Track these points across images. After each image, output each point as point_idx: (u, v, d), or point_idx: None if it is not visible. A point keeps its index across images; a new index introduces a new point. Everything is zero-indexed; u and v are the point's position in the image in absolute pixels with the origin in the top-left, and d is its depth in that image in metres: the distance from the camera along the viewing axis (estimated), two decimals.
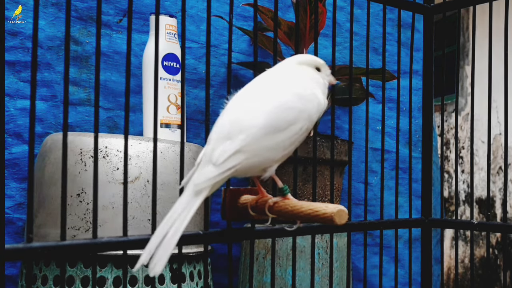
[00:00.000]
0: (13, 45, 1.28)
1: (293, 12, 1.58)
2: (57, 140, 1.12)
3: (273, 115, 0.74)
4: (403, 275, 1.70)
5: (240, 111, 0.75)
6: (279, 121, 0.74)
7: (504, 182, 1.14)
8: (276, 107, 0.74)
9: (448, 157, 3.82)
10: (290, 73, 0.80)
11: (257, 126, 0.73)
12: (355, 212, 1.65)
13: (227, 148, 0.72)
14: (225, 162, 0.72)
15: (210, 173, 0.72)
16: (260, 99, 0.76)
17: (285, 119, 0.75)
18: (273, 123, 0.74)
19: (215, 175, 0.71)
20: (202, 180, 0.71)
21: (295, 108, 0.76)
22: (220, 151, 0.72)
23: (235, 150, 0.72)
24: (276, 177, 0.80)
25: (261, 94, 0.77)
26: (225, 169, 0.72)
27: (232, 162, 0.72)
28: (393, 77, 1.43)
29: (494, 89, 1.16)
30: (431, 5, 1.29)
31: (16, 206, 1.28)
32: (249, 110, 0.74)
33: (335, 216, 0.72)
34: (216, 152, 0.73)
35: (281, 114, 0.74)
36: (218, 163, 0.72)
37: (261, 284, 1.34)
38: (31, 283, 0.98)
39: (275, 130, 0.74)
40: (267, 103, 0.75)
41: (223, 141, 0.73)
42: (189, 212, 0.70)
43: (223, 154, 0.72)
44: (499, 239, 3.39)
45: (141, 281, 1.08)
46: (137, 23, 1.40)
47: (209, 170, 0.72)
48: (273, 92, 0.77)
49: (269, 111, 0.74)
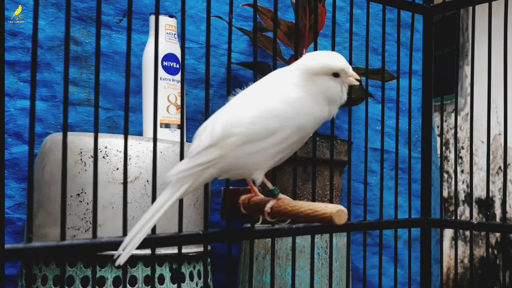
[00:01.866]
0: (13, 45, 1.28)
1: (292, 12, 1.58)
2: (57, 140, 1.12)
3: (253, 123, 0.72)
4: (402, 275, 1.70)
5: (224, 113, 0.75)
6: (258, 130, 0.73)
7: (504, 182, 1.14)
8: (257, 116, 0.73)
9: (448, 157, 3.82)
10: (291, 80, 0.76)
11: (236, 133, 0.72)
12: (355, 212, 1.65)
13: (201, 143, 0.72)
14: (196, 155, 0.72)
15: (183, 165, 0.72)
16: (246, 104, 0.75)
17: (266, 128, 0.73)
18: (251, 131, 0.72)
19: (186, 168, 0.71)
20: (173, 172, 0.72)
21: (280, 117, 0.73)
22: (195, 145, 0.73)
23: (208, 145, 0.72)
24: (266, 180, 0.79)
25: (251, 99, 0.75)
26: (196, 163, 0.71)
27: (204, 158, 0.71)
28: (392, 77, 1.43)
29: (493, 89, 1.16)
30: (430, 5, 1.29)
31: (16, 206, 1.29)
32: (233, 113, 0.74)
33: (335, 216, 0.72)
34: (192, 146, 0.73)
35: (261, 123, 0.73)
36: (190, 155, 0.72)
37: (260, 284, 1.34)
38: (31, 283, 0.99)
39: (252, 138, 0.72)
40: (250, 109, 0.73)
41: (201, 137, 0.73)
42: (164, 205, 0.71)
43: (196, 148, 0.72)
44: (498, 239, 3.40)
45: (141, 281, 1.08)
46: (137, 23, 1.40)
47: (183, 163, 0.72)
48: (262, 98, 0.75)
49: (249, 119, 0.73)
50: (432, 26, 1.29)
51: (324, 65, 0.75)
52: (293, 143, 0.76)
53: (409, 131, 1.24)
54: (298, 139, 0.76)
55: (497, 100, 1.78)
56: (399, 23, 1.21)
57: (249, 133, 0.72)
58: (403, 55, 1.68)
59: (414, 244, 1.65)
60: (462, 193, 3.69)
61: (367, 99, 1.16)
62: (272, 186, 0.81)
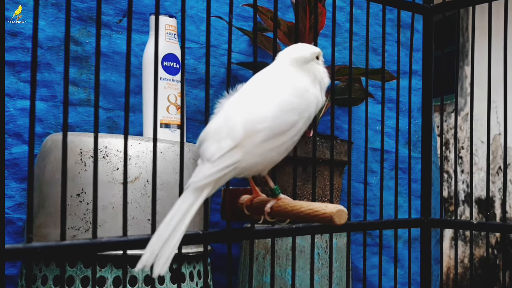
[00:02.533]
0: (13, 45, 1.28)
1: (292, 12, 1.58)
2: (57, 140, 1.12)
3: (276, 118, 0.73)
4: (402, 275, 1.70)
5: (240, 110, 0.74)
6: (282, 124, 0.74)
7: (504, 182, 1.14)
8: (278, 110, 0.74)
9: (448, 157, 3.82)
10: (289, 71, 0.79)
11: (261, 129, 0.72)
12: (355, 212, 1.65)
13: (223, 145, 0.71)
14: (220, 158, 0.71)
15: (207, 170, 0.70)
16: (262, 99, 0.75)
17: (288, 122, 0.74)
18: (277, 126, 0.73)
19: (212, 172, 0.70)
20: (199, 178, 0.70)
21: (297, 109, 0.75)
22: (216, 148, 0.71)
23: (232, 147, 0.71)
24: (268, 177, 0.79)
25: (263, 94, 0.76)
26: (221, 166, 0.70)
27: (229, 160, 0.71)
28: (392, 77, 1.43)
29: (493, 89, 1.16)
30: (430, 5, 1.29)
31: (16, 206, 1.29)
32: (250, 112, 0.73)
33: (335, 216, 0.72)
34: (210, 150, 0.71)
35: (284, 117, 0.74)
36: (213, 159, 0.71)
37: (260, 284, 1.34)
38: (31, 283, 0.98)
39: (278, 132, 0.73)
40: (269, 105, 0.74)
41: (221, 139, 0.72)
42: (189, 212, 0.69)
43: (219, 151, 0.71)
44: (498, 239, 3.40)
45: (141, 281, 1.08)
46: (137, 23, 1.40)
47: (206, 167, 0.71)
48: (275, 92, 0.76)
49: (272, 113, 0.73)
50: (432, 26, 1.29)
51: (309, 50, 0.81)
52: (301, 134, 0.77)
53: (409, 131, 1.24)
54: (304, 129, 0.78)
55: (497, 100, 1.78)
56: (399, 23, 1.21)
57: (273, 128, 0.73)
58: (403, 55, 1.69)
59: (414, 244, 1.65)
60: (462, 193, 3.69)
61: (367, 99, 1.16)
62: (274, 185, 0.81)
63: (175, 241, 0.68)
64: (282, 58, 0.81)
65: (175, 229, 0.68)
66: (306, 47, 0.82)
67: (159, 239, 0.67)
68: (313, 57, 0.81)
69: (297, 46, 0.82)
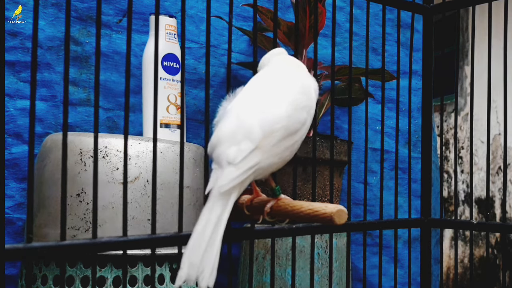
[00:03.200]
0: (13, 45, 1.28)
1: (292, 12, 1.58)
2: (57, 140, 1.12)
3: (290, 117, 0.74)
4: (402, 275, 1.70)
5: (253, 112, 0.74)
6: (296, 122, 0.75)
7: (504, 182, 1.14)
8: (291, 109, 0.74)
9: (448, 157, 3.82)
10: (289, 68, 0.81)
11: (278, 128, 0.72)
12: (355, 212, 1.65)
13: (244, 147, 0.71)
14: (243, 161, 0.70)
15: (231, 173, 0.70)
16: (273, 99, 0.75)
17: (300, 120, 0.75)
18: (291, 125, 0.74)
19: (237, 175, 0.70)
20: (225, 181, 0.69)
21: (307, 107, 0.77)
22: (237, 151, 0.71)
23: (253, 148, 0.71)
24: (270, 177, 0.79)
25: (272, 93, 0.76)
26: (245, 168, 0.70)
27: (251, 161, 0.71)
28: (392, 77, 1.43)
29: (493, 89, 1.16)
30: (430, 5, 1.29)
31: (16, 206, 1.29)
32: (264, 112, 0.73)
33: (335, 216, 0.72)
34: (232, 152, 0.71)
35: (297, 115, 0.75)
36: (236, 162, 0.70)
37: (260, 284, 1.34)
38: (31, 283, 0.99)
39: (293, 131, 0.74)
40: (281, 104, 0.74)
41: (238, 142, 0.71)
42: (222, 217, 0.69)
43: (240, 154, 0.70)
44: (498, 239, 3.40)
45: (141, 281, 1.08)
46: (137, 23, 1.40)
47: (229, 171, 0.70)
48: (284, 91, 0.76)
49: (286, 112, 0.74)
50: (432, 26, 1.29)
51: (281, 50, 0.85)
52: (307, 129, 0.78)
53: (409, 131, 1.24)
54: None
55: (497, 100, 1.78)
56: (399, 23, 1.21)
57: (288, 126, 0.73)
58: (403, 55, 1.69)
59: (414, 244, 1.65)
60: (462, 193, 3.69)
61: (367, 99, 1.16)
62: (276, 185, 0.81)
63: (216, 250, 0.67)
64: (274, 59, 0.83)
65: (211, 237, 0.67)
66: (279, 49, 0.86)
67: (196, 250, 0.66)
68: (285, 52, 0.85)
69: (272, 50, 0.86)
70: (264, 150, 0.72)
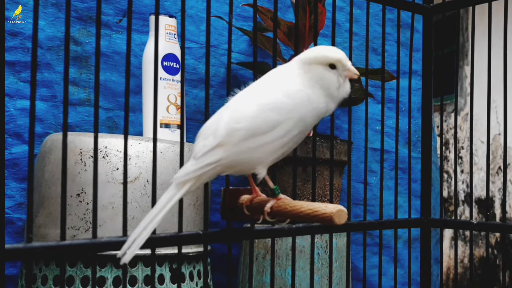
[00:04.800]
0: (13, 45, 1.28)
1: (292, 12, 1.58)
2: (57, 140, 1.12)
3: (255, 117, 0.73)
4: (402, 275, 1.70)
5: (227, 110, 0.75)
6: (261, 123, 0.73)
7: (503, 182, 1.14)
8: (258, 109, 0.73)
9: (448, 157, 3.82)
10: (290, 74, 0.77)
11: (239, 128, 0.73)
12: (355, 212, 1.65)
13: (207, 143, 0.73)
14: (203, 156, 0.72)
15: (190, 166, 0.73)
16: (247, 100, 0.75)
17: (267, 121, 0.73)
18: (254, 125, 0.73)
19: (194, 169, 0.72)
20: (181, 173, 0.73)
21: (281, 110, 0.74)
22: (201, 146, 0.73)
23: (214, 145, 0.72)
24: (268, 177, 0.79)
25: (251, 95, 0.76)
26: (203, 163, 0.72)
27: (211, 158, 0.72)
28: (392, 77, 1.43)
29: (493, 89, 1.16)
30: (430, 5, 1.29)
31: (16, 206, 1.29)
32: (235, 110, 0.74)
33: (335, 216, 0.72)
34: (197, 147, 0.74)
35: (262, 116, 0.73)
36: (197, 156, 0.73)
37: (260, 284, 1.34)
38: (31, 283, 0.99)
39: (256, 132, 0.73)
40: (251, 104, 0.74)
41: (206, 137, 0.74)
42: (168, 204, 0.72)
43: (202, 149, 0.73)
44: (498, 239, 3.40)
45: (141, 281, 1.08)
46: (136, 23, 1.40)
47: (189, 164, 0.73)
48: (262, 92, 0.76)
49: (252, 112, 0.73)
50: (432, 26, 1.29)
51: (319, 54, 0.77)
52: (294, 136, 0.76)
53: (409, 131, 1.24)
54: (299, 132, 0.76)
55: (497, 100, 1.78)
56: (399, 23, 1.21)
57: (251, 128, 0.73)
58: (403, 55, 1.69)
59: (414, 244, 1.65)
60: (462, 193, 3.69)
61: (367, 99, 1.16)
62: (273, 185, 0.81)
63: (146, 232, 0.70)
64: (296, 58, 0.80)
65: (152, 220, 0.71)
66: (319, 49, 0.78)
67: (137, 228, 0.70)
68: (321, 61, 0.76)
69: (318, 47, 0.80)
70: (226, 148, 0.72)
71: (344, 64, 0.77)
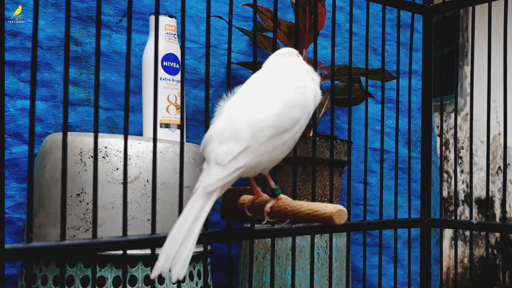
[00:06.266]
0: (13, 45, 1.28)
1: (292, 12, 1.58)
2: (57, 140, 1.12)
3: (279, 115, 0.73)
4: (402, 275, 1.70)
5: (243, 110, 0.74)
6: (286, 121, 0.74)
7: (503, 182, 1.14)
8: (282, 107, 0.74)
9: (448, 157, 3.82)
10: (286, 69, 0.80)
11: (266, 127, 0.72)
12: (355, 212, 1.65)
13: (232, 148, 0.71)
14: (231, 162, 0.70)
15: (218, 174, 0.70)
16: (264, 98, 0.75)
17: (291, 118, 0.74)
18: (281, 123, 0.73)
19: (223, 176, 0.70)
20: (211, 182, 0.70)
21: (299, 106, 0.76)
22: (225, 151, 0.71)
23: (241, 150, 0.71)
24: (269, 177, 0.79)
25: (264, 93, 0.76)
26: (232, 170, 0.70)
27: (239, 163, 0.71)
28: (392, 77, 1.43)
29: (493, 89, 1.16)
30: (430, 5, 1.29)
31: (16, 206, 1.29)
32: (255, 110, 0.73)
33: (335, 216, 0.72)
34: (221, 153, 0.71)
35: (288, 114, 0.74)
36: (224, 163, 0.70)
37: (260, 284, 1.34)
38: (31, 283, 0.98)
39: (282, 130, 0.73)
40: (272, 102, 0.74)
41: (227, 141, 0.71)
42: (201, 214, 0.69)
43: (228, 155, 0.71)
44: (498, 239, 3.40)
45: (141, 281, 1.08)
46: (136, 23, 1.40)
47: (216, 171, 0.70)
48: (276, 90, 0.76)
49: (275, 110, 0.73)
50: (432, 26, 1.29)
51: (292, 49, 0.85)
52: (303, 129, 0.77)
53: (409, 131, 1.24)
54: (305, 126, 0.78)
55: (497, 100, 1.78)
56: (399, 23, 1.21)
57: (277, 126, 0.73)
58: (403, 55, 1.69)
59: (414, 244, 1.65)
60: (462, 193, 3.69)
61: (367, 99, 1.16)
62: (275, 185, 0.81)
63: (190, 244, 0.67)
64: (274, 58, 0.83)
65: (188, 232, 0.68)
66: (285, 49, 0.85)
67: (173, 243, 0.67)
68: (296, 53, 0.83)
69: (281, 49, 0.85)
70: (252, 150, 0.71)
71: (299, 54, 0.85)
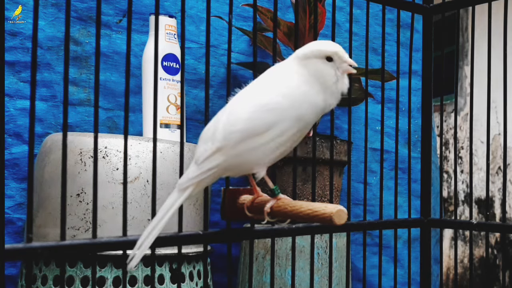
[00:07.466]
0: (13, 45, 1.28)
1: (292, 12, 1.58)
2: (57, 140, 1.12)
3: (250, 119, 0.72)
4: (402, 275, 1.70)
5: (225, 112, 0.75)
6: (259, 125, 0.73)
7: (503, 182, 1.14)
8: (254, 110, 0.73)
9: (447, 157, 3.82)
10: (287, 71, 0.76)
11: (235, 131, 0.72)
12: (355, 212, 1.65)
13: (207, 148, 0.73)
14: (204, 161, 0.73)
15: (192, 172, 0.73)
16: (244, 101, 0.75)
17: (263, 122, 0.73)
18: (252, 127, 0.72)
19: (196, 174, 0.73)
20: (184, 179, 0.73)
21: (276, 110, 0.73)
22: (202, 151, 0.73)
23: (214, 150, 0.72)
24: (267, 177, 0.79)
25: (248, 96, 0.76)
26: (204, 169, 0.73)
27: (212, 163, 0.73)
28: (392, 77, 1.43)
29: (493, 89, 1.16)
30: (430, 5, 1.29)
31: (16, 206, 1.29)
32: (231, 112, 0.74)
33: (335, 216, 0.72)
34: (198, 152, 0.74)
35: (259, 117, 0.73)
36: (198, 162, 0.73)
37: (260, 284, 1.34)
38: (31, 283, 0.98)
39: (253, 133, 0.72)
40: (247, 106, 0.74)
41: (206, 141, 0.74)
42: (171, 208, 0.72)
43: (203, 154, 0.73)
44: (498, 239, 3.40)
45: (141, 281, 1.08)
46: (136, 23, 1.40)
47: (191, 170, 0.74)
48: (258, 93, 0.75)
49: (247, 114, 0.73)
50: (431, 26, 1.29)
51: (314, 47, 0.76)
52: (293, 135, 0.75)
53: (409, 131, 1.24)
54: (298, 131, 0.75)
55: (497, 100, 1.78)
56: (398, 23, 1.21)
57: (247, 129, 0.72)
58: (403, 55, 1.69)
59: (413, 244, 1.65)
60: (462, 193, 3.69)
61: (367, 99, 1.16)
62: (273, 185, 0.81)
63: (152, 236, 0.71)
64: (293, 54, 0.79)
65: (157, 224, 0.72)
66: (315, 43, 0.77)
67: (144, 234, 0.71)
68: (317, 55, 0.75)
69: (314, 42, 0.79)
70: (224, 151, 0.73)
71: (341, 56, 0.76)
